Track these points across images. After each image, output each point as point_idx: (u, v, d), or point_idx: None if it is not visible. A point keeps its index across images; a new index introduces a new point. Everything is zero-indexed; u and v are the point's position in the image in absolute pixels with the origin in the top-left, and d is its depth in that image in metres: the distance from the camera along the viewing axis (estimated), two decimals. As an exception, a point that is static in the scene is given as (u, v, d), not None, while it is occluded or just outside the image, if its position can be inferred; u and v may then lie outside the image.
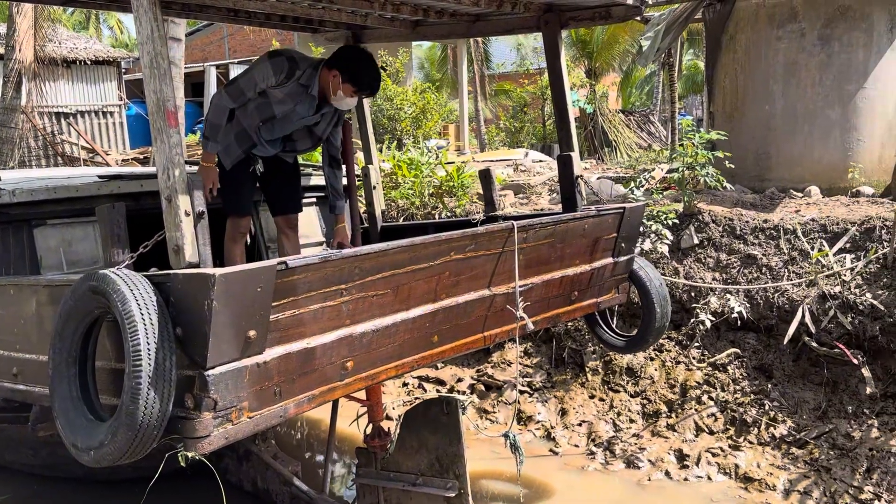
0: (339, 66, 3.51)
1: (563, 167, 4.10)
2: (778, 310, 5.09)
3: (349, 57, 3.56)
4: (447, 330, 3.13)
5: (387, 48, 14.81)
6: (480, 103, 19.37)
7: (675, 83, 15.44)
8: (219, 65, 20.26)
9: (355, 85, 3.53)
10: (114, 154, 14.85)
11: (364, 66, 3.53)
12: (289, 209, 4.09)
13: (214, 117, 3.54)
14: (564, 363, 5.84)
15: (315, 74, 3.54)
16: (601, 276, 3.92)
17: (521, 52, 22.95)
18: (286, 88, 3.54)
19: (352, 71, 3.50)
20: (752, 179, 6.88)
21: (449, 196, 7.21)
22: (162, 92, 2.34)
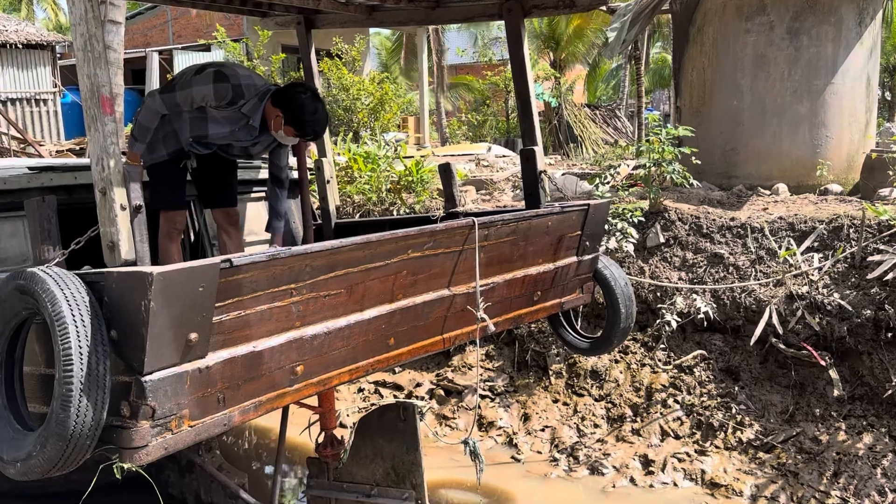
0: (283, 107, 3.47)
1: (527, 162, 4.13)
2: (745, 310, 5.19)
3: (295, 102, 3.48)
4: (404, 332, 3.11)
5: (342, 35, 14.70)
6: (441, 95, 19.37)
7: (641, 77, 15.68)
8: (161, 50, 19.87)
9: (298, 130, 3.51)
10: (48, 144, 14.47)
11: (309, 112, 3.48)
12: (225, 202, 4.03)
13: (145, 120, 3.46)
14: (528, 366, 5.88)
15: (259, 106, 3.50)
16: (565, 276, 3.94)
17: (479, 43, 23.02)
18: (225, 112, 3.51)
19: (296, 117, 3.46)
20: (719, 176, 7.00)
21: (408, 192, 7.19)
22: (96, 77, 2.28)
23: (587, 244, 3.99)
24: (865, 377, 4.79)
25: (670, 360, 5.36)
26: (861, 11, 6.87)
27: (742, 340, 5.17)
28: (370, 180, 7.11)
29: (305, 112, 3.46)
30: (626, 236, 5.65)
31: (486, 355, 6.03)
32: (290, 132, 3.51)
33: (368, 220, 5.57)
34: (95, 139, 2.28)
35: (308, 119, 3.48)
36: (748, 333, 5.08)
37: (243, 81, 3.47)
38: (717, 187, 6.88)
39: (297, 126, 3.48)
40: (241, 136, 3.60)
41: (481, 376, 5.89)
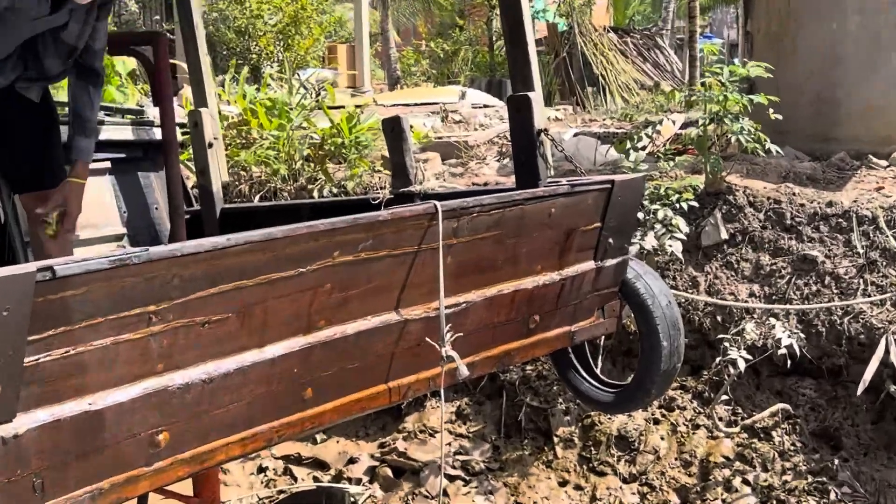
0: None
1: (518, 116, 4.14)
2: (850, 342, 5.27)
3: None
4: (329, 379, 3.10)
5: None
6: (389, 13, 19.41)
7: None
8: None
9: None
10: None
11: None
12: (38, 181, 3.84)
13: None
14: (521, 431, 5.91)
15: None
16: (577, 291, 3.96)
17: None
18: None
19: None
20: (810, 139, 7.10)
21: (336, 161, 7.19)
22: None
23: (610, 242, 4.01)
24: None
25: (737, 420, 5.43)
26: None
27: (846, 388, 5.25)
28: (278, 143, 7.08)
29: None
30: (670, 230, 5.69)
31: (456, 414, 6.05)
32: None
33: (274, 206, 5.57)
34: None
35: None
36: (855, 378, 5.15)
37: None
38: (808, 155, 6.98)
39: None
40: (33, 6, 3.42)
41: (450, 446, 5.90)
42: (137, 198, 5.00)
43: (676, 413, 5.57)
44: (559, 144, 4.54)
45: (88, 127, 3.80)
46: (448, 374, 3.37)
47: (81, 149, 3.76)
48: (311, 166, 7.15)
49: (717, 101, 6.01)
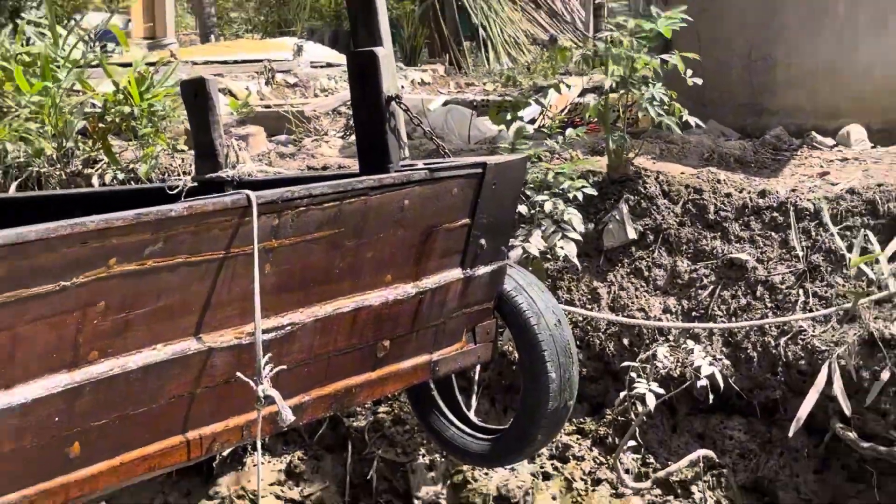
0: None
1: (361, 78, 4.13)
2: (787, 370, 5.39)
3: None
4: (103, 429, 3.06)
5: None
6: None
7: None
8: None
9: None
10: None
11: None
12: None
13: None
14: (372, 493, 5.91)
15: None
16: (439, 308, 3.98)
17: None
18: None
19: None
20: (739, 110, 7.26)
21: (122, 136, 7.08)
22: None
23: (483, 244, 4.04)
24: None
25: (648, 472, 5.50)
26: None
27: (781, 428, 5.36)
28: (41, 113, 6.94)
29: None
30: (562, 228, 5.74)
31: (286, 473, 6.03)
32: None
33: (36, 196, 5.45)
34: None
35: None
36: (791, 415, 5.27)
37: None
38: (737, 131, 7.14)
39: None
40: None
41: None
42: None
43: (572, 465, 5.62)
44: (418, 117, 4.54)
45: None
46: (267, 420, 3.34)
47: None
48: (88, 144, 7.04)
49: (625, 62, 6.07)
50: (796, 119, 7.16)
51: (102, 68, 7.38)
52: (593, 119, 6.71)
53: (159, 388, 3.20)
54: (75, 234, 2.84)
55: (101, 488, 3.16)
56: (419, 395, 4.43)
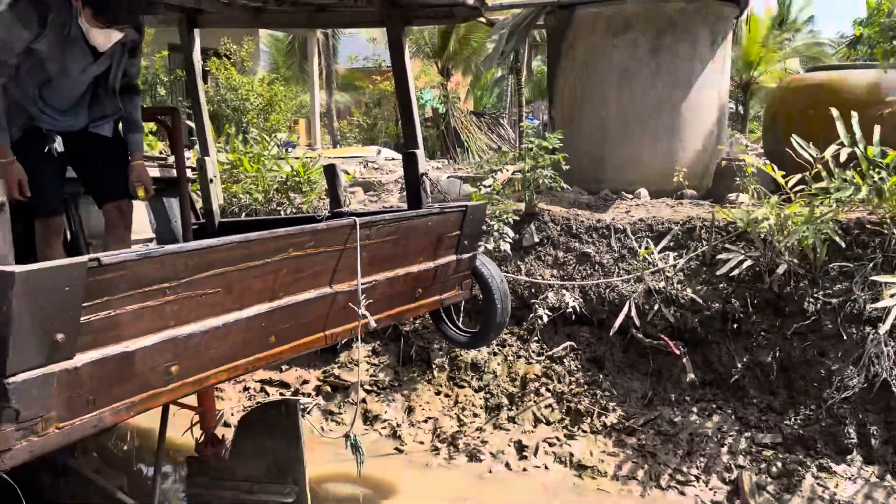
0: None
1: (408, 164, 4.14)
2: (609, 304, 5.41)
3: None
4: (285, 330, 3.05)
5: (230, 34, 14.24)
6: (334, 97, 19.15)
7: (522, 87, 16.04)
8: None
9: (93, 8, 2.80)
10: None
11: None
12: (114, 192, 3.49)
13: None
14: (412, 361, 5.89)
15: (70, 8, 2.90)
16: (445, 273, 3.98)
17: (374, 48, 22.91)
18: (46, 39, 2.94)
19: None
20: (588, 181, 7.26)
21: (295, 192, 7.06)
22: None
23: (466, 243, 4.04)
24: (714, 364, 5.09)
25: (543, 352, 5.51)
26: (714, 32, 7.31)
27: (606, 332, 5.37)
28: (256, 180, 6.93)
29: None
30: (503, 236, 5.76)
31: (372, 351, 6.01)
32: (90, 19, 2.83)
33: (253, 220, 5.43)
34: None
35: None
36: (611, 325, 5.29)
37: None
38: (587, 192, 7.13)
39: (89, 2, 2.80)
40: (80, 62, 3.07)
41: (367, 372, 5.85)
42: (162, 215, 4.83)
43: (507, 348, 5.63)
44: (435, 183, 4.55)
45: (137, 126, 3.55)
46: (363, 327, 3.36)
47: (136, 142, 3.52)
48: (279, 195, 7.02)
49: (533, 158, 6.10)
50: (615, 185, 7.16)
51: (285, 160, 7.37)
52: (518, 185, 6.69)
53: (312, 310, 3.19)
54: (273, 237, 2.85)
55: (284, 358, 3.16)
56: (435, 314, 4.44)
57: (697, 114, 7.32)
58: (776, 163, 5.38)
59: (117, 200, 3.52)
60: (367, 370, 5.87)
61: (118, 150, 3.55)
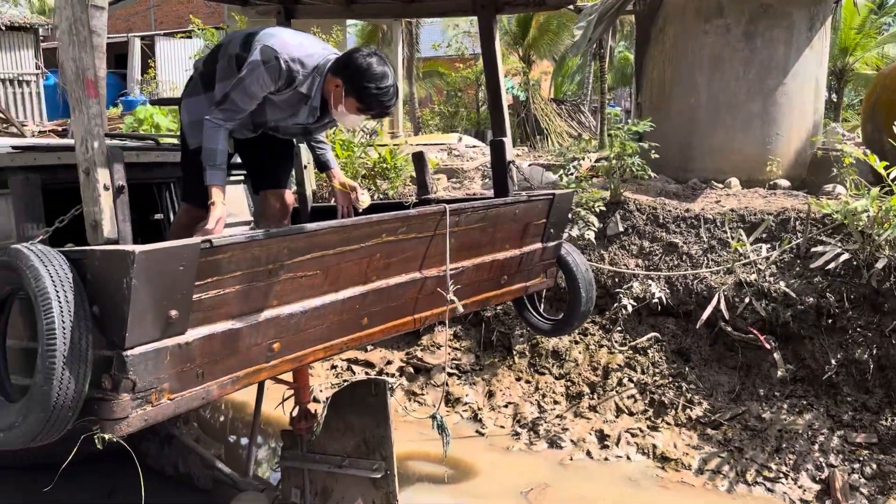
0: (344, 74, 2.83)
1: (496, 152, 4.13)
2: (696, 296, 5.27)
3: (359, 67, 2.81)
4: (377, 312, 3.11)
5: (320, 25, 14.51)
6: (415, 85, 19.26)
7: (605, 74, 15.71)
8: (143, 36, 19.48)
9: (360, 102, 2.86)
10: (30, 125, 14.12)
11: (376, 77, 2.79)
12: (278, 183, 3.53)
13: (214, 142, 2.87)
14: (493, 346, 5.91)
15: (318, 80, 2.94)
16: (530, 261, 3.96)
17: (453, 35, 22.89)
18: (284, 95, 2.97)
19: (360, 85, 2.81)
20: (675, 170, 7.08)
21: (382, 178, 7.16)
22: (81, 60, 2.23)
23: (551, 231, 4.01)
24: (807, 360, 4.90)
25: (626, 342, 5.43)
26: (812, 17, 6.97)
27: (693, 324, 5.25)
28: (346, 166, 7.05)
29: (372, 78, 2.78)
30: (587, 225, 5.69)
31: (454, 335, 6.06)
32: (351, 106, 2.87)
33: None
34: (80, 121, 2.23)
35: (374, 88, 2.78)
36: (699, 318, 5.16)
37: (296, 54, 2.87)
38: (674, 180, 6.96)
39: (360, 97, 2.82)
40: (301, 121, 3.13)
41: (449, 355, 5.91)
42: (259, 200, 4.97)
43: (589, 337, 5.58)
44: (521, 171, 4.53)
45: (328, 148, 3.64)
46: (450, 311, 3.38)
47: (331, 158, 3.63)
48: (366, 181, 7.13)
49: (619, 146, 6.00)
50: (704, 175, 6.96)
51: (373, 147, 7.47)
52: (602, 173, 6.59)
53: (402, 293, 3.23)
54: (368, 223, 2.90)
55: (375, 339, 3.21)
56: (518, 301, 4.42)
57: (793, 101, 7.02)
58: (876, 153, 5.10)
59: (278, 189, 3.56)
60: (449, 354, 5.93)
61: (286, 145, 3.58)
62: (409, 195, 6.63)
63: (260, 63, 2.83)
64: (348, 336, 2.99)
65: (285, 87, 2.92)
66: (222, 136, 2.92)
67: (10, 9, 16.47)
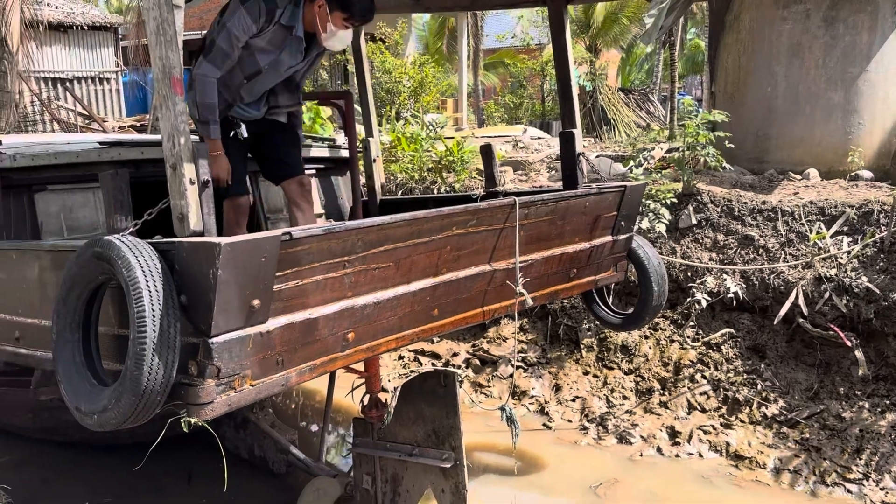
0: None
1: (566, 144, 4.11)
2: (773, 291, 5.12)
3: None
4: (447, 304, 3.14)
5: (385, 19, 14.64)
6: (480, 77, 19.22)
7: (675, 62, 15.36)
8: (216, 33, 20.00)
9: (345, 11, 3.10)
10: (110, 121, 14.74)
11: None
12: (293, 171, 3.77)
13: (206, 95, 3.15)
14: (560, 340, 5.88)
15: (298, 11, 3.16)
16: (600, 254, 3.93)
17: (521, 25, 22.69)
18: (268, 35, 3.18)
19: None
20: (751, 161, 6.87)
21: (448, 171, 7.19)
22: (168, 59, 2.32)
23: (622, 224, 3.97)
24: (890, 358, 4.71)
25: (699, 338, 5.32)
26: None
27: (769, 320, 5.10)
28: (413, 160, 7.12)
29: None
30: (658, 217, 5.59)
31: (520, 328, 6.05)
32: (338, 21, 3.11)
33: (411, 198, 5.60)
34: (167, 118, 2.33)
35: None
36: (776, 313, 5.01)
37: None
38: (749, 171, 6.76)
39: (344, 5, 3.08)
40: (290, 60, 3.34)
41: (516, 348, 5.91)
42: (329, 192, 5.09)
43: (659, 332, 5.49)
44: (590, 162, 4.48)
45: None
46: (519, 304, 3.39)
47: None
48: (432, 174, 7.18)
49: (692, 135, 5.87)
50: (781, 166, 6.74)
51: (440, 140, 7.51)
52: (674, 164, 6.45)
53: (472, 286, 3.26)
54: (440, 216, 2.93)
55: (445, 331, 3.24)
56: (587, 295, 4.39)
57: (876, 90, 6.70)
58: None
59: (296, 176, 3.80)
60: (516, 346, 5.92)
61: (292, 133, 3.83)
62: (474, 188, 6.65)
63: (239, 5, 3.09)
64: (419, 327, 3.03)
65: (267, 24, 3.13)
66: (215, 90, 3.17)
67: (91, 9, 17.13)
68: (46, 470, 4.58)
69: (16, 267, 2.99)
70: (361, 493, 3.86)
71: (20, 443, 4.83)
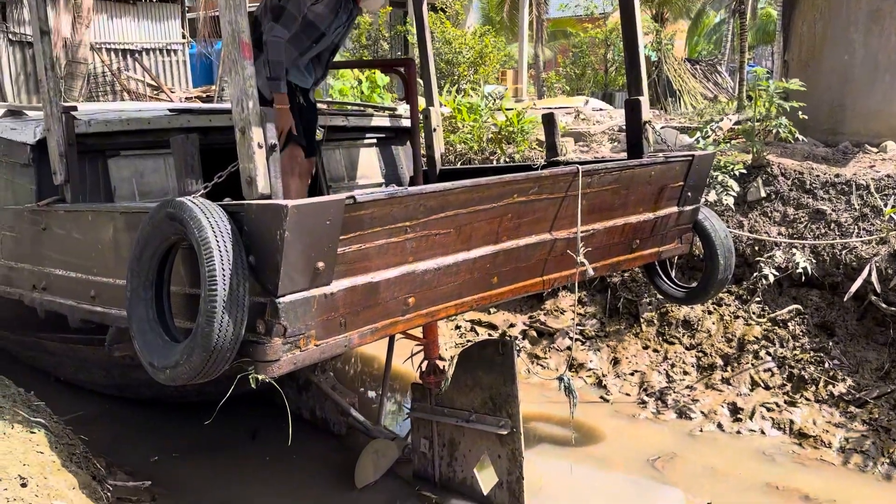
0: None
1: (631, 112, 4.02)
2: (845, 267, 4.94)
3: None
4: (507, 272, 3.14)
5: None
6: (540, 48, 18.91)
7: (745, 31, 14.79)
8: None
9: None
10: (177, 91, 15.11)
11: None
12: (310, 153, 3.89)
13: (276, 54, 3.38)
14: (619, 313, 5.82)
15: None
16: (665, 225, 3.86)
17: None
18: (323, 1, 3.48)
19: None
20: (824, 132, 6.60)
21: (508, 142, 7.14)
22: (237, 23, 2.36)
23: (689, 195, 3.88)
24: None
25: (764, 314, 5.19)
26: None
27: (840, 297, 4.93)
28: (472, 130, 7.09)
29: None
30: (726, 189, 5.44)
31: (579, 301, 6.01)
32: None
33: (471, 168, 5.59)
34: (236, 82, 2.37)
35: None
36: (846, 290, 4.84)
37: None
38: (822, 143, 6.50)
39: None
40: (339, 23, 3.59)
41: (573, 320, 5.89)
42: (389, 161, 5.13)
43: (724, 307, 5.37)
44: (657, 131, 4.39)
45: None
46: (580, 274, 3.37)
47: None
48: (492, 145, 7.15)
49: (764, 106, 5.68)
50: (857, 138, 6.45)
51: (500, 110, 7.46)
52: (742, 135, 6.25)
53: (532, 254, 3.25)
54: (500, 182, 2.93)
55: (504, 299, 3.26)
56: (650, 267, 4.33)
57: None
58: None
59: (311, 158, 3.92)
60: (573, 319, 5.90)
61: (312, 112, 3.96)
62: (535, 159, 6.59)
63: None
64: (478, 294, 3.05)
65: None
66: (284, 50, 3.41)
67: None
68: (118, 425, 4.79)
69: (91, 228, 3.11)
70: (419, 457, 3.94)
71: (94, 398, 5.07)
